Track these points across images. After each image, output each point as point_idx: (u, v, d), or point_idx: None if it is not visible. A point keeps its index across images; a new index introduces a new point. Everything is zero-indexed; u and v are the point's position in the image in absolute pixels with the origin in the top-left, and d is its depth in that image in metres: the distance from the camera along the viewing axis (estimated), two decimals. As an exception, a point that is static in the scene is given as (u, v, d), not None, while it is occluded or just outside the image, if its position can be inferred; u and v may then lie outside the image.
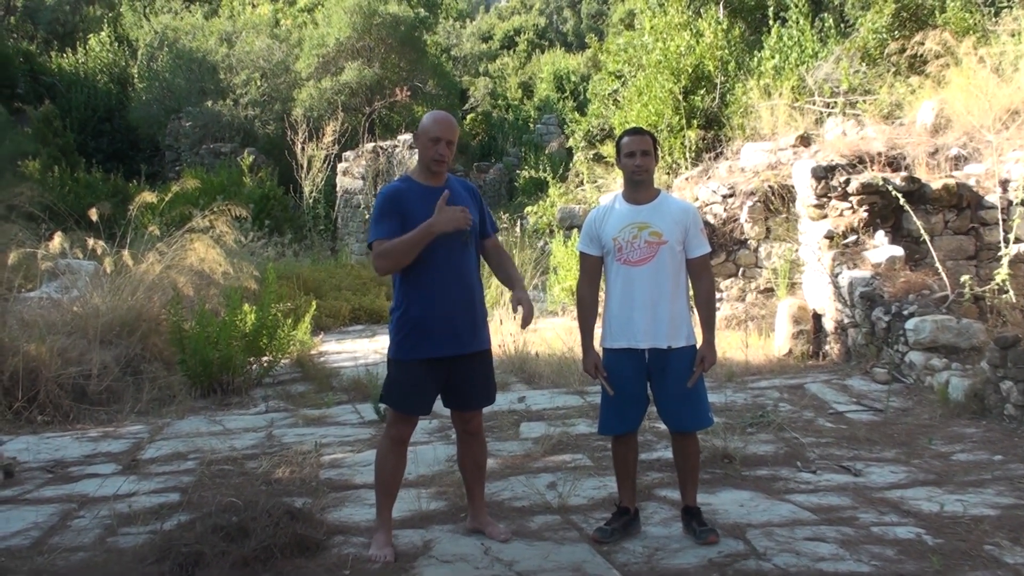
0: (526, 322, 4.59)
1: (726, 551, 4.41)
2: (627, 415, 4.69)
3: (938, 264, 9.14)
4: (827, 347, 9.69)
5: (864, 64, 14.58)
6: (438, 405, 4.67)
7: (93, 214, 10.35)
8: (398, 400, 4.54)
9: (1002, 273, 8.83)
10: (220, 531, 4.39)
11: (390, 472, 4.57)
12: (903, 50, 13.88)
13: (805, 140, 12.46)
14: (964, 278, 8.72)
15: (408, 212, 4.38)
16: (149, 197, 11.59)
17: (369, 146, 22.38)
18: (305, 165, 21.33)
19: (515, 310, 4.57)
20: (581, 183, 19.32)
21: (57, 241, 9.84)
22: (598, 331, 4.82)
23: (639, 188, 4.67)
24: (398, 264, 4.40)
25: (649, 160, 4.64)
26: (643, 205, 4.65)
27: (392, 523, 4.64)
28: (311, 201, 21.36)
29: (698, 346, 4.67)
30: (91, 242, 10.05)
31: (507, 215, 18.95)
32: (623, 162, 4.70)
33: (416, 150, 4.61)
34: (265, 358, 9.69)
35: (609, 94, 20.39)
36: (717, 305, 11.33)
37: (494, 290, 11.74)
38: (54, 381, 8.07)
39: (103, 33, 31.76)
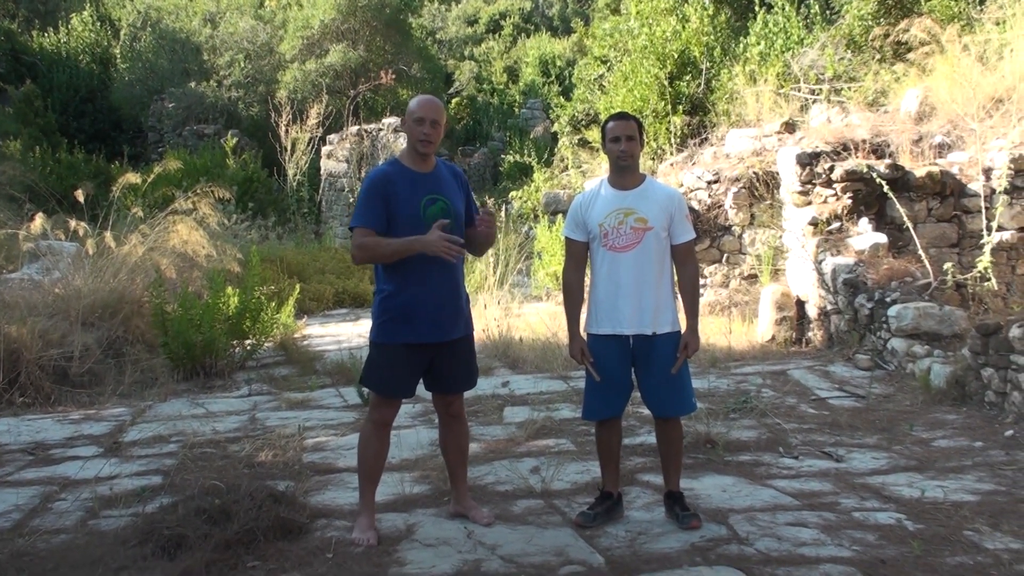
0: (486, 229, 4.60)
1: (708, 536, 4.43)
2: (611, 400, 4.70)
3: (921, 251, 9.17)
4: (810, 333, 9.73)
5: (849, 51, 14.60)
6: (420, 388, 4.67)
7: (80, 195, 10.29)
8: (379, 383, 4.54)
9: (984, 261, 8.87)
10: (203, 514, 4.38)
11: (373, 456, 4.57)
12: (887, 36, 13.90)
13: (790, 127, 12.47)
14: (947, 265, 8.76)
15: (393, 196, 4.35)
16: (132, 178, 11.53)
17: (353, 129, 22.27)
18: (289, 148, 21.23)
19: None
20: (566, 168, 19.30)
21: (38, 222, 9.77)
22: (584, 316, 4.83)
23: (624, 173, 4.67)
24: (374, 261, 4.43)
25: (634, 145, 4.63)
26: (629, 191, 4.64)
27: (375, 507, 4.64)
28: (295, 184, 21.28)
29: (682, 332, 4.68)
30: (73, 223, 9.98)
31: (492, 200, 18.92)
32: (608, 147, 4.69)
33: (402, 134, 4.59)
34: (248, 341, 9.66)
35: (595, 79, 20.36)
36: (701, 291, 11.36)
37: (478, 275, 11.74)
38: (35, 363, 8.02)
39: (85, 12, 31.46)
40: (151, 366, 8.94)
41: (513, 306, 11.28)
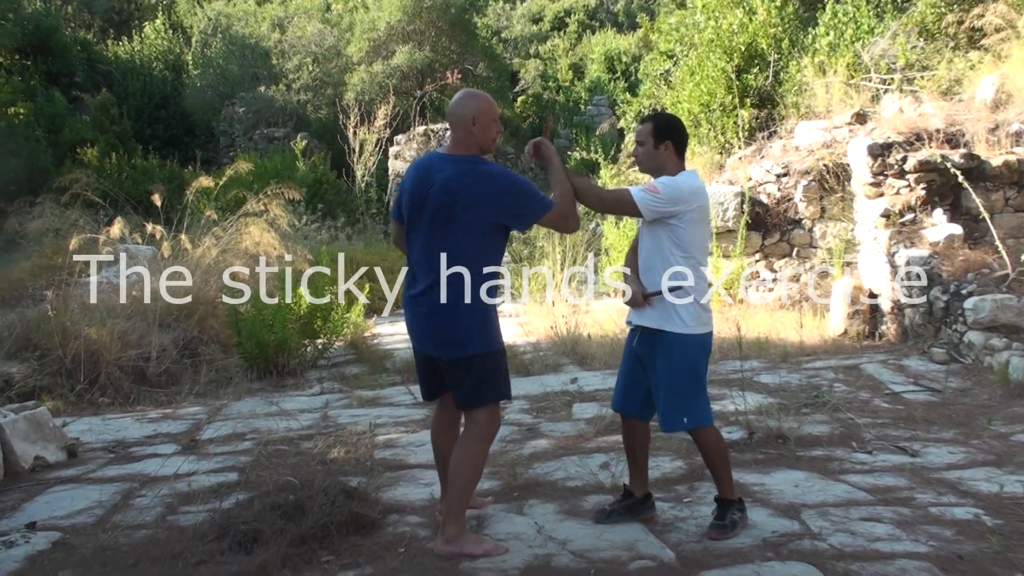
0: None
1: (781, 531, 4.39)
2: (620, 392, 4.64)
3: (998, 242, 8.96)
4: (883, 327, 9.57)
5: (921, 39, 14.29)
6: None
7: (157, 198, 10.53)
8: (506, 387, 4.37)
9: (1065, 251, 8.65)
10: (277, 509, 4.45)
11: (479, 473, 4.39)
12: (961, 23, 13.58)
13: (861, 118, 12.27)
14: (1025, 256, 8.56)
15: None
16: (205, 182, 11.74)
17: (420, 129, 22.42)
18: (357, 149, 21.43)
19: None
20: (632, 164, 19.19)
21: (117, 227, 10.00)
22: None
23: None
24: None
25: (642, 150, 4.55)
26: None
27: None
28: (363, 185, 21.47)
29: (677, 335, 4.34)
30: (149, 227, 10.21)
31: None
32: None
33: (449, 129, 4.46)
34: (320, 340, 9.79)
35: (661, 74, 20.22)
36: (771, 286, 11.25)
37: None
38: (115, 364, 8.24)
39: (158, 21, 32.15)
40: (226, 366, 9.12)
41: (581, 303, 11.28)
